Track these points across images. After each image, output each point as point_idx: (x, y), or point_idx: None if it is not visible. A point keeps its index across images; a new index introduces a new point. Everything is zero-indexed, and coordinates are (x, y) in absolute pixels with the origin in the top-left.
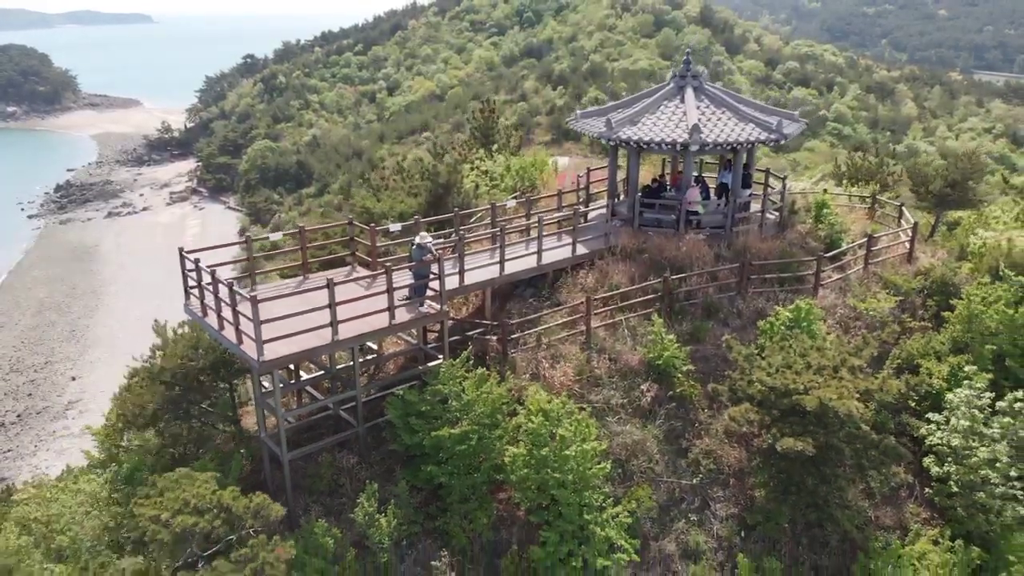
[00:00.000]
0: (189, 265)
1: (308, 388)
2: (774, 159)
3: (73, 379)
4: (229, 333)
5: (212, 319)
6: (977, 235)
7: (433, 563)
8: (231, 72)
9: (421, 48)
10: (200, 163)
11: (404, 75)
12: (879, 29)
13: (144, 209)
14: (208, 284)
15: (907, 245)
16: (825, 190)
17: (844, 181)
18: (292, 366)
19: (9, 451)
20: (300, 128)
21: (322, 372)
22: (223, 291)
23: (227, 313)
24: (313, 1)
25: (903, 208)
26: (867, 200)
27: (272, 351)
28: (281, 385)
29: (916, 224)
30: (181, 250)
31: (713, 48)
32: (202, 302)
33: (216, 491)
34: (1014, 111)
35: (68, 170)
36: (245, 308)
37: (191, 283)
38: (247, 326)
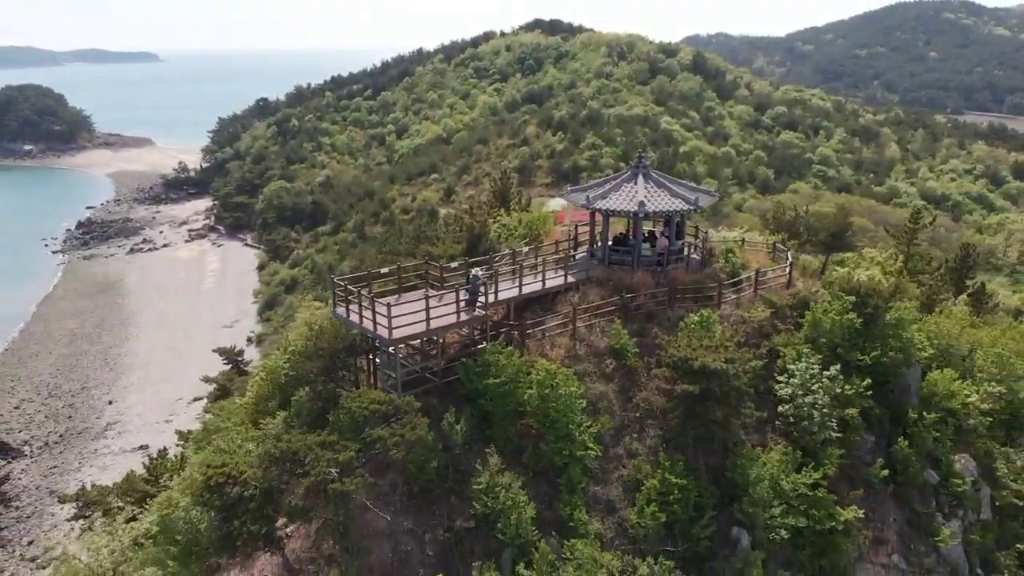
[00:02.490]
0: (339, 286)
1: (403, 361)
2: (761, 200)
3: (110, 403)
4: (368, 324)
5: (354, 317)
6: (836, 270)
7: (486, 451)
8: (244, 114)
9: (428, 93)
10: (217, 202)
11: (412, 119)
12: (871, 71)
13: (164, 245)
14: (353, 296)
15: (787, 276)
16: (743, 239)
17: (765, 231)
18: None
19: (55, 467)
20: (313, 169)
21: (416, 350)
22: (365, 300)
23: (367, 312)
24: (316, 38)
25: (788, 252)
26: (768, 246)
27: (395, 333)
28: (391, 355)
29: (792, 261)
30: (332, 276)
31: (705, 94)
32: (347, 307)
33: (387, 395)
34: (995, 152)
35: (88, 207)
36: (379, 309)
37: (339, 296)
38: (380, 320)
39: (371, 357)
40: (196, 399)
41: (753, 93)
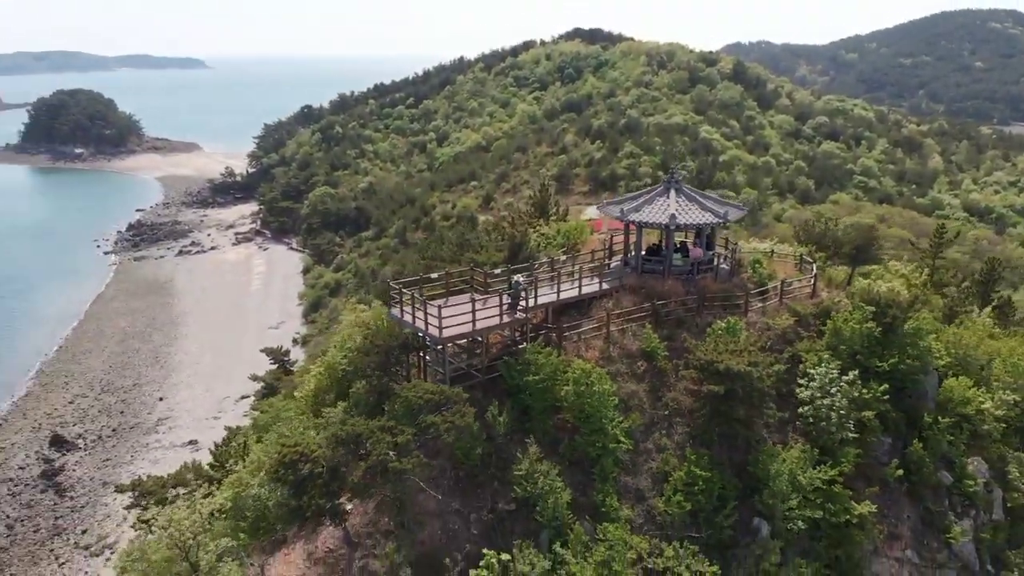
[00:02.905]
0: (394, 288)
1: (450, 358)
2: (800, 211)
3: (160, 399)
4: (420, 324)
5: (407, 317)
6: (858, 281)
7: (526, 441)
8: (289, 121)
9: (468, 101)
10: (263, 206)
11: (452, 127)
12: (916, 80)
13: (212, 248)
14: (407, 298)
15: (811, 286)
16: (772, 251)
17: (795, 243)
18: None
19: (108, 460)
20: (356, 175)
21: (462, 348)
22: (418, 302)
23: (418, 312)
24: (360, 46)
25: (813, 263)
26: (796, 258)
27: (444, 333)
28: (440, 352)
29: (816, 273)
30: (386, 280)
31: (746, 104)
32: (401, 308)
33: (439, 386)
34: None
35: (138, 210)
36: (429, 310)
37: (394, 298)
38: (431, 320)
39: (421, 354)
40: (243, 397)
41: (794, 103)
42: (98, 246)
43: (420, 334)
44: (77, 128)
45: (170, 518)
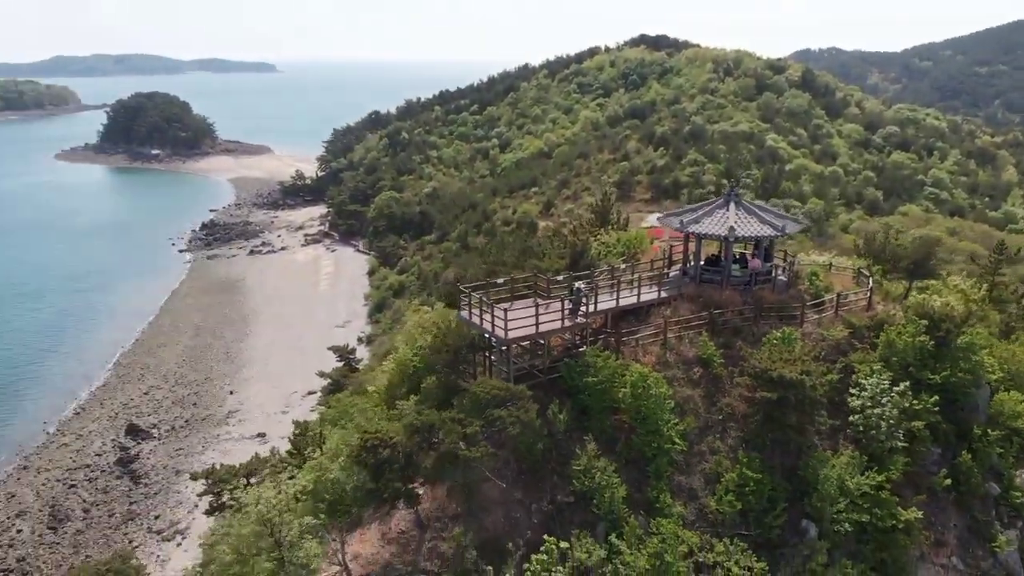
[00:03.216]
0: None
1: (514, 359)
2: (867, 222)
3: (231, 393)
4: (487, 325)
5: (476, 319)
6: (914, 296)
7: (584, 438)
8: (357, 126)
9: (532, 108)
10: (331, 209)
11: (515, 133)
12: (992, 90)
13: (282, 249)
14: (476, 301)
15: (867, 299)
16: (830, 264)
17: (854, 256)
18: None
19: (180, 449)
20: (421, 180)
21: (525, 349)
22: (486, 305)
23: (485, 314)
24: (426, 51)
25: (870, 276)
26: (854, 271)
27: (509, 334)
28: (505, 352)
29: (872, 286)
30: (457, 285)
31: (813, 112)
32: (469, 310)
33: (500, 381)
34: None
35: (211, 210)
36: (497, 313)
37: (463, 301)
38: (498, 322)
39: (487, 354)
40: (310, 393)
41: (864, 111)
42: (173, 244)
43: (486, 335)
44: (154, 130)
45: (259, 495)
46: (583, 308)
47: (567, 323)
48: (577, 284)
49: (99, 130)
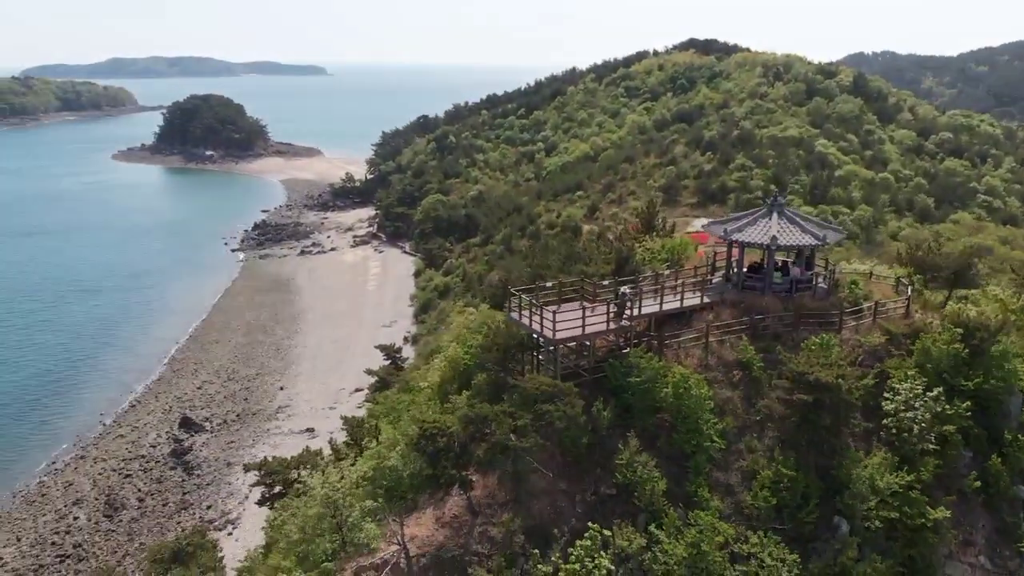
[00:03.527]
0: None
1: (560, 358)
2: (918, 230)
3: (281, 388)
4: (536, 326)
5: (525, 320)
6: (951, 305)
7: (627, 434)
8: (405, 129)
9: (578, 112)
10: (379, 211)
11: (561, 137)
12: None
13: (331, 249)
14: (526, 303)
15: (904, 308)
16: (871, 272)
17: (896, 265)
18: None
19: (232, 442)
20: (467, 184)
21: (572, 350)
22: (535, 307)
23: (535, 316)
24: (465, 54)
25: (908, 286)
26: (893, 280)
27: (557, 335)
28: (552, 352)
29: (910, 294)
30: (508, 286)
31: (865, 117)
32: (519, 312)
33: (548, 378)
34: None
35: (263, 211)
36: (546, 314)
37: (513, 303)
38: (546, 323)
39: (535, 354)
40: (357, 390)
41: (917, 117)
42: (226, 243)
43: (535, 335)
44: (208, 131)
45: (325, 479)
46: (628, 311)
47: (612, 325)
48: (622, 289)
49: (155, 131)
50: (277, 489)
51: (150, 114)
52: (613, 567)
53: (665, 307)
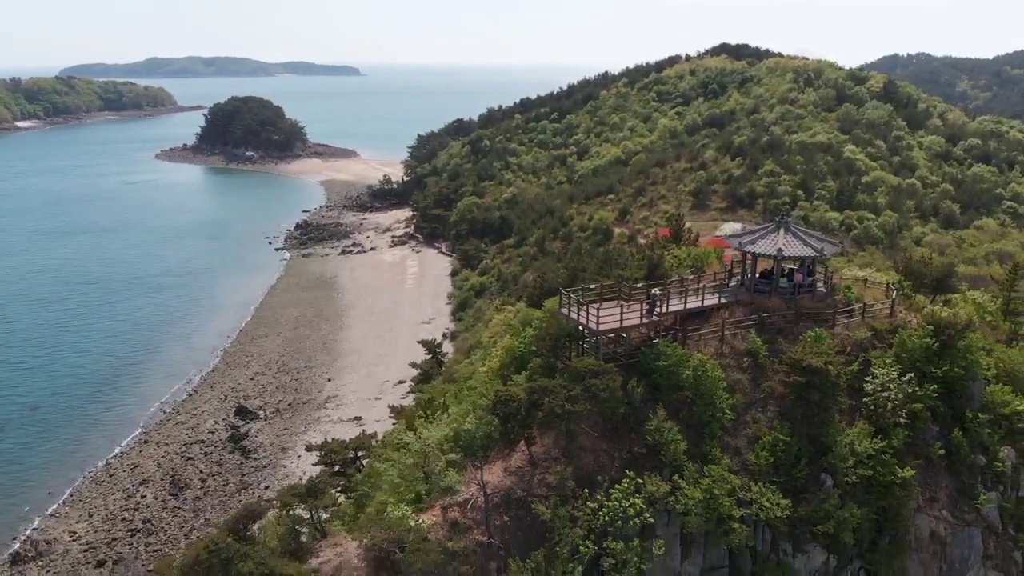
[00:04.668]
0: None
1: (601, 346)
2: (941, 235)
3: (329, 380)
4: (582, 319)
5: (573, 314)
6: (928, 306)
7: (656, 406)
8: (440, 132)
9: (610, 116)
10: (417, 212)
11: (593, 140)
12: None
13: (371, 249)
14: (573, 300)
15: (889, 308)
16: (866, 279)
17: (892, 272)
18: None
19: (285, 429)
20: (501, 187)
21: (611, 339)
22: (582, 304)
23: (581, 311)
24: (498, 54)
25: (895, 290)
26: (885, 285)
27: (600, 327)
28: (594, 341)
29: (895, 295)
30: (546, 286)
31: (894, 123)
32: (569, 306)
33: (594, 360)
34: None
35: (303, 211)
36: (590, 310)
37: (564, 300)
38: (591, 317)
39: (581, 342)
40: (400, 382)
41: (946, 123)
42: (269, 243)
43: (581, 327)
44: (249, 132)
45: (418, 436)
46: (658, 309)
47: (644, 320)
48: (653, 290)
49: (196, 131)
50: (336, 468)
51: (189, 114)
52: (644, 506)
53: (689, 306)
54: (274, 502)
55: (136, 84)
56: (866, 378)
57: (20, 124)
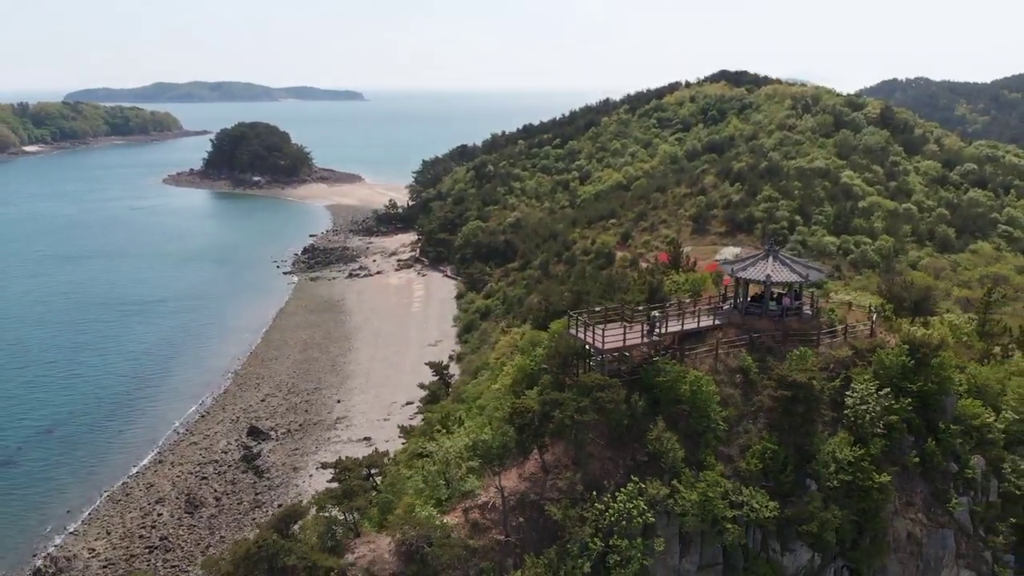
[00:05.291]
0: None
1: (606, 364)
2: (936, 259)
3: (338, 401)
4: (589, 338)
5: (581, 334)
6: (905, 327)
7: (656, 418)
8: (444, 157)
9: (612, 142)
10: (422, 236)
11: (595, 166)
12: None
13: (377, 273)
14: (580, 321)
15: (869, 329)
16: (850, 303)
17: (874, 294)
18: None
19: (296, 449)
20: (505, 211)
21: (615, 357)
22: (588, 325)
23: (588, 332)
24: (500, 77)
25: (876, 312)
26: (866, 308)
27: (605, 346)
28: (599, 360)
29: (874, 317)
30: (569, 313)
31: (891, 148)
32: (577, 328)
33: (600, 375)
34: None
35: (310, 235)
36: (596, 331)
37: (572, 322)
38: (596, 337)
39: (587, 360)
40: (408, 403)
41: (942, 148)
42: (277, 266)
43: (587, 346)
44: (255, 157)
45: (442, 445)
46: (657, 330)
47: (645, 340)
48: (653, 313)
49: (203, 156)
50: (353, 484)
51: (195, 138)
52: (646, 508)
53: (686, 327)
54: (312, 504)
55: (142, 109)
56: (847, 392)
57: (28, 148)
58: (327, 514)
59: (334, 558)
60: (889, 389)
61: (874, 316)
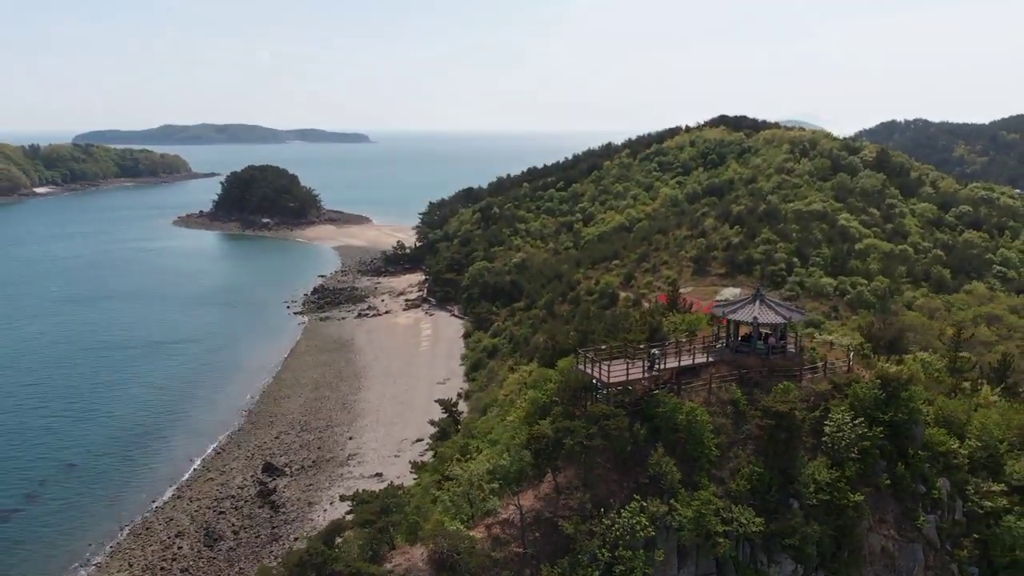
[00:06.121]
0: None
1: (611, 396)
2: (930, 299)
3: (350, 439)
4: (596, 373)
5: (588, 369)
6: (880, 364)
7: (656, 445)
8: (451, 200)
9: (614, 185)
10: (429, 276)
11: (598, 208)
12: None
13: (386, 312)
14: (588, 358)
15: (847, 365)
16: (832, 342)
17: (856, 334)
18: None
19: (310, 485)
20: (510, 251)
21: (619, 390)
22: (594, 361)
23: (595, 367)
24: (503, 121)
25: (853, 352)
26: (845, 346)
27: (611, 380)
28: (605, 392)
29: (851, 354)
30: (577, 351)
31: (888, 191)
32: (585, 364)
33: (607, 406)
34: None
35: (319, 276)
36: (602, 367)
37: (580, 359)
38: (602, 372)
39: (594, 392)
40: (418, 440)
41: (938, 191)
42: (287, 307)
43: (594, 380)
44: (265, 199)
45: (468, 469)
46: (657, 366)
47: (646, 375)
48: (653, 350)
49: (212, 198)
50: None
51: (204, 180)
52: (647, 523)
53: (683, 363)
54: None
55: (152, 151)
56: (826, 422)
57: (38, 190)
58: (367, 528)
59: (375, 566)
60: (863, 419)
61: (851, 354)
